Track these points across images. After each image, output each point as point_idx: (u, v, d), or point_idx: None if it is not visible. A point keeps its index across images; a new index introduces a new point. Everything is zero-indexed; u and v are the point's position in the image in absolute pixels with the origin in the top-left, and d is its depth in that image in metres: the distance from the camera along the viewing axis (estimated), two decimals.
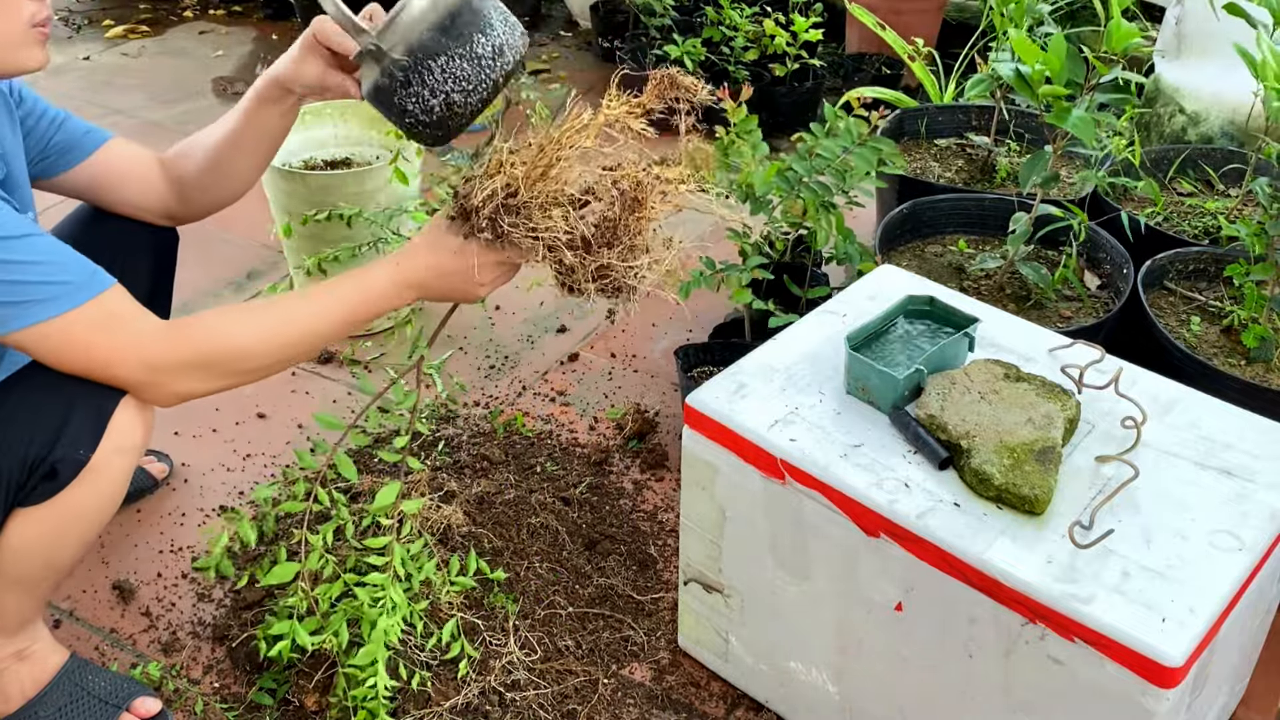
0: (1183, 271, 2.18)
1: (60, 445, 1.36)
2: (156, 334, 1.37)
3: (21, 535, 1.42)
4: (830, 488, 1.39)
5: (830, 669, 1.54)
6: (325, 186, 2.32)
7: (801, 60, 3.23)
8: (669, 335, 2.52)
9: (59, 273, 1.31)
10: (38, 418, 1.37)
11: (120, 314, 1.35)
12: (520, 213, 1.37)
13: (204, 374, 1.39)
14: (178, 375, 1.38)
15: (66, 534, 1.44)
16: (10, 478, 1.38)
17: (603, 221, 1.38)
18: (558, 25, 4.27)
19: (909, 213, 2.31)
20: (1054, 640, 1.24)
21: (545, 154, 1.37)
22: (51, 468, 1.37)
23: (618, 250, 1.39)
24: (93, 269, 1.35)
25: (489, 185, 1.37)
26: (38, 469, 1.37)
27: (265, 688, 1.70)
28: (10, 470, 1.37)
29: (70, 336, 1.33)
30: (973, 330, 1.54)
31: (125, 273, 1.42)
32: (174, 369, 1.38)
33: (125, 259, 1.66)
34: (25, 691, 1.59)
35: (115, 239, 1.67)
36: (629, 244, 1.40)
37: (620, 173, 1.40)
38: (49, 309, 1.30)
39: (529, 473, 2.11)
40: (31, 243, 1.30)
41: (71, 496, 1.40)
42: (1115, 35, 1.88)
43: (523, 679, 1.71)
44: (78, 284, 1.32)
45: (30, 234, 1.30)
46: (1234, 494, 1.35)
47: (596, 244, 1.39)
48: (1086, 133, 1.81)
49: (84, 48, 4.04)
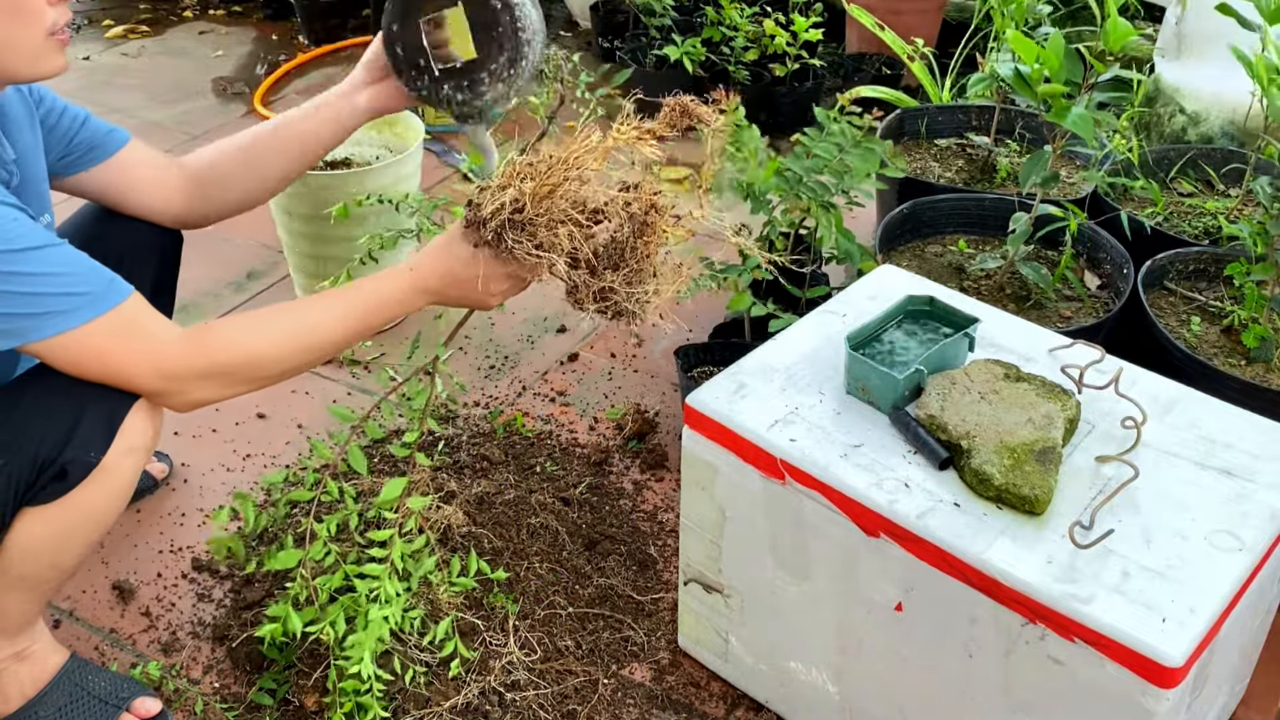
0: (1183, 271, 2.18)
1: (71, 447, 1.37)
2: (174, 343, 1.38)
3: (29, 534, 1.42)
4: (830, 488, 1.39)
5: (830, 669, 1.54)
6: (325, 186, 2.32)
7: (801, 60, 3.23)
8: (669, 335, 2.52)
9: (77, 284, 1.31)
10: (50, 419, 1.37)
11: (138, 323, 1.36)
12: (525, 229, 1.37)
13: (221, 382, 1.41)
14: (195, 384, 1.39)
15: (73, 534, 1.45)
16: (20, 477, 1.38)
17: (611, 242, 1.38)
18: (558, 25, 4.26)
19: (909, 213, 2.31)
20: (1054, 640, 1.24)
21: (553, 173, 1.38)
22: (61, 469, 1.38)
23: (623, 273, 1.39)
24: (110, 277, 1.35)
25: (498, 198, 1.38)
26: (47, 469, 1.38)
27: (265, 688, 1.70)
28: (20, 470, 1.38)
29: (88, 347, 1.33)
30: (973, 330, 1.54)
31: (130, 272, 1.42)
32: (191, 377, 1.39)
33: (131, 258, 1.66)
34: (25, 692, 1.59)
35: (121, 238, 1.67)
36: (635, 267, 1.39)
37: (632, 195, 1.39)
38: (68, 320, 1.30)
39: (529, 473, 2.11)
40: (49, 254, 1.30)
41: (80, 497, 1.40)
42: (1113, 34, 1.89)
43: (523, 679, 1.71)
44: (96, 295, 1.32)
45: (48, 245, 1.30)
46: (1234, 494, 1.35)
47: (602, 265, 1.39)
48: (1086, 130, 1.81)
49: (84, 48, 4.04)
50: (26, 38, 1.34)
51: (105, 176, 1.64)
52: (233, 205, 1.73)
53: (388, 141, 2.58)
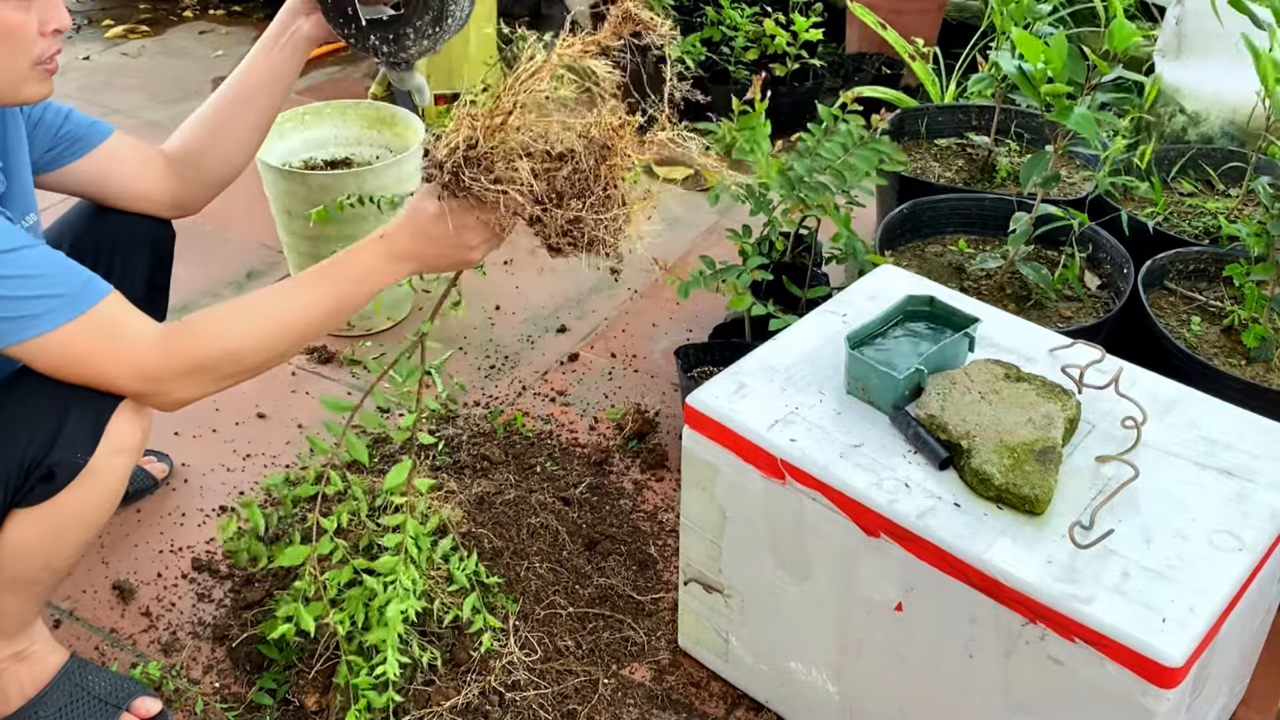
0: (1183, 271, 2.18)
1: (57, 448, 1.36)
2: (152, 343, 1.36)
3: (20, 536, 1.42)
4: (830, 488, 1.39)
5: (830, 669, 1.54)
6: (325, 186, 2.32)
7: (802, 60, 3.23)
8: (669, 335, 2.52)
9: (53, 286, 1.30)
10: (35, 421, 1.37)
11: (117, 323, 1.34)
12: (481, 164, 1.33)
13: (203, 379, 1.39)
14: (176, 383, 1.37)
15: (65, 534, 1.44)
16: (8, 480, 1.38)
17: (573, 172, 1.34)
18: (558, 25, 4.26)
19: (909, 213, 2.31)
20: (1054, 640, 1.24)
21: (502, 102, 1.33)
22: (49, 470, 1.37)
23: (590, 201, 1.35)
24: (87, 278, 1.33)
25: (451, 140, 1.34)
26: (35, 471, 1.37)
27: (265, 688, 1.70)
28: (8, 472, 1.37)
29: (66, 349, 1.32)
30: (973, 330, 1.54)
31: (124, 266, 1.42)
32: (171, 378, 1.37)
33: (123, 253, 1.66)
34: (25, 692, 1.59)
35: (113, 232, 1.68)
36: (602, 194, 1.35)
37: (593, 119, 1.35)
38: (44, 323, 1.29)
39: (529, 473, 2.11)
40: (25, 256, 1.28)
41: (70, 498, 1.40)
42: (1117, 35, 1.88)
43: (523, 679, 1.71)
44: (71, 296, 1.31)
45: (23, 246, 1.29)
46: (1234, 494, 1.35)
47: (567, 195, 1.35)
48: (1088, 130, 1.81)
49: (84, 48, 4.04)
50: (12, 65, 1.34)
51: (91, 168, 1.64)
52: (217, 177, 1.73)
53: (388, 141, 2.57)
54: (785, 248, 2.18)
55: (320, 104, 2.57)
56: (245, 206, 2.70)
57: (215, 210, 1.88)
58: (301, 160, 2.53)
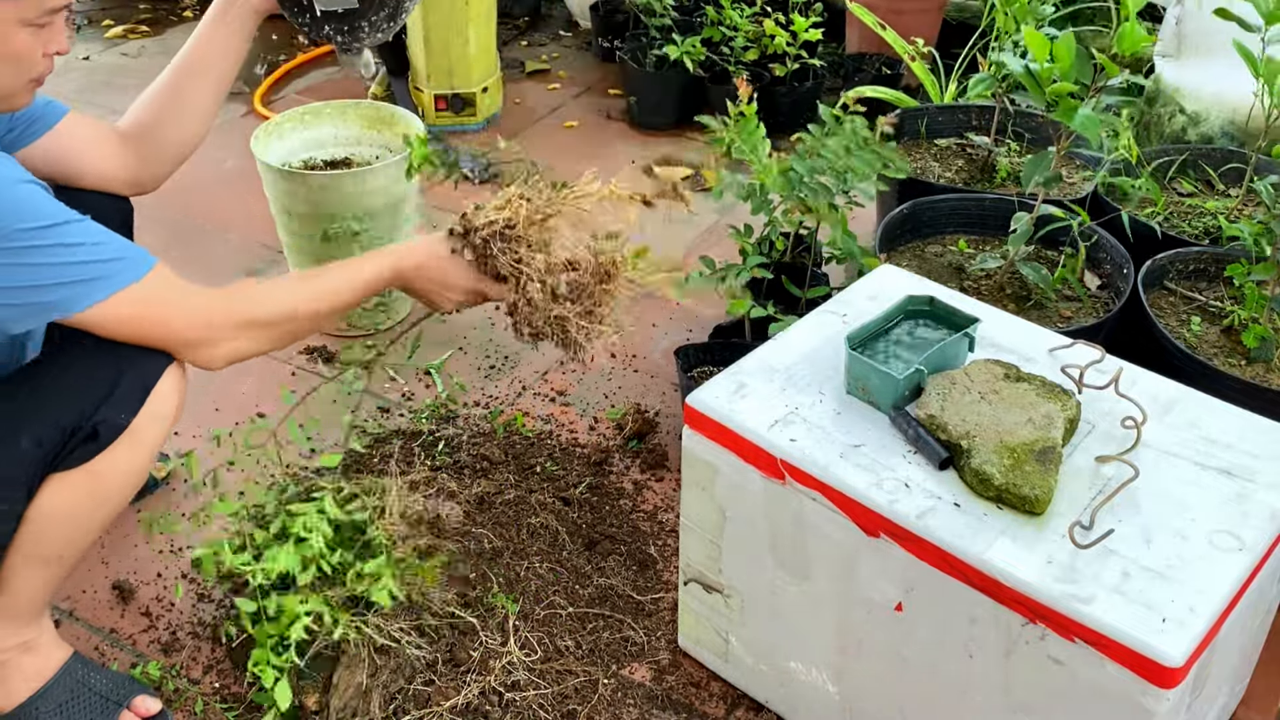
0: (1183, 271, 2.18)
1: (106, 406, 1.43)
2: (214, 297, 1.50)
3: (52, 502, 1.46)
4: (830, 488, 1.39)
5: (830, 669, 1.54)
6: (325, 186, 2.32)
7: (801, 60, 3.23)
8: (669, 335, 2.52)
9: (118, 250, 1.40)
10: (87, 382, 1.44)
11: (176, 280, 1.47)
12: (511, 244, 1.59)
13: (256, 335, 1.52)
14: (234, 332, 1.50)
15: (95, 503, 1.49)
16: (50, 442, 1.43)
17: (574, 283, 1.62)
18: (558, 25, 4.26)
19: (909, 213, 2.31)
20: (1054, 640, 1.24)
21: (551, 204, 1.61)
22: (93, 429, 1.43)
23: (578, 309, 1.63)
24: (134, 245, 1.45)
25: (495, 215, 1.60)
26: (79, 431, 1.43)
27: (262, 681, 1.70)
28: (50, 436, 1.42)
29: (138, 305, 1.42)
30: (973, 330, 1.54)
31: None
32: (234, 328, 1.50)
33: None
34: (29, 684, 1.60)
35: (78, 211, 1.69)
36: (591, 305, 1.63)
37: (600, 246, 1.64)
38: (119, 281, 1.39)
39: (529, 473, 2.11)
40: (85, 226, 1.38)
41: (105, 463, 1.45)
42: (1126, 38, 1.88)
43: (523, 679, 1.71)
44: (135, 258, 1.41)
45: (81, 219, 1.38)
46: (1234, 494, 1.35)
47: (563, 297, 1.62)
48: (1092, 131, 1.80)
49: (84, 48, 4.04)
50: (13, 83, 1.43)
51: (50, 147, 1.66)
52: (174, 151, 1.76)
53: (388, 141, 2.57)
54: (785, 248, 2.18)
55: (320, 104, 2.56)
56: (245, 206, 2.70)
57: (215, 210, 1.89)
58: (301, 160, 2.53)
